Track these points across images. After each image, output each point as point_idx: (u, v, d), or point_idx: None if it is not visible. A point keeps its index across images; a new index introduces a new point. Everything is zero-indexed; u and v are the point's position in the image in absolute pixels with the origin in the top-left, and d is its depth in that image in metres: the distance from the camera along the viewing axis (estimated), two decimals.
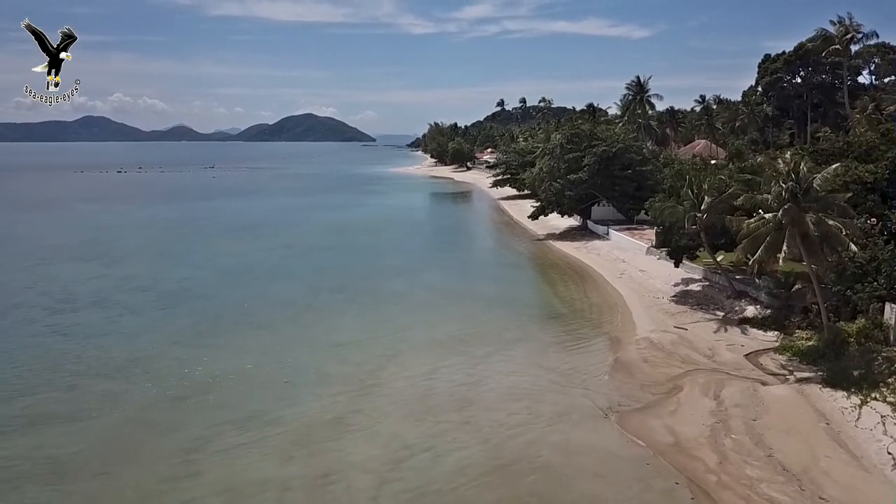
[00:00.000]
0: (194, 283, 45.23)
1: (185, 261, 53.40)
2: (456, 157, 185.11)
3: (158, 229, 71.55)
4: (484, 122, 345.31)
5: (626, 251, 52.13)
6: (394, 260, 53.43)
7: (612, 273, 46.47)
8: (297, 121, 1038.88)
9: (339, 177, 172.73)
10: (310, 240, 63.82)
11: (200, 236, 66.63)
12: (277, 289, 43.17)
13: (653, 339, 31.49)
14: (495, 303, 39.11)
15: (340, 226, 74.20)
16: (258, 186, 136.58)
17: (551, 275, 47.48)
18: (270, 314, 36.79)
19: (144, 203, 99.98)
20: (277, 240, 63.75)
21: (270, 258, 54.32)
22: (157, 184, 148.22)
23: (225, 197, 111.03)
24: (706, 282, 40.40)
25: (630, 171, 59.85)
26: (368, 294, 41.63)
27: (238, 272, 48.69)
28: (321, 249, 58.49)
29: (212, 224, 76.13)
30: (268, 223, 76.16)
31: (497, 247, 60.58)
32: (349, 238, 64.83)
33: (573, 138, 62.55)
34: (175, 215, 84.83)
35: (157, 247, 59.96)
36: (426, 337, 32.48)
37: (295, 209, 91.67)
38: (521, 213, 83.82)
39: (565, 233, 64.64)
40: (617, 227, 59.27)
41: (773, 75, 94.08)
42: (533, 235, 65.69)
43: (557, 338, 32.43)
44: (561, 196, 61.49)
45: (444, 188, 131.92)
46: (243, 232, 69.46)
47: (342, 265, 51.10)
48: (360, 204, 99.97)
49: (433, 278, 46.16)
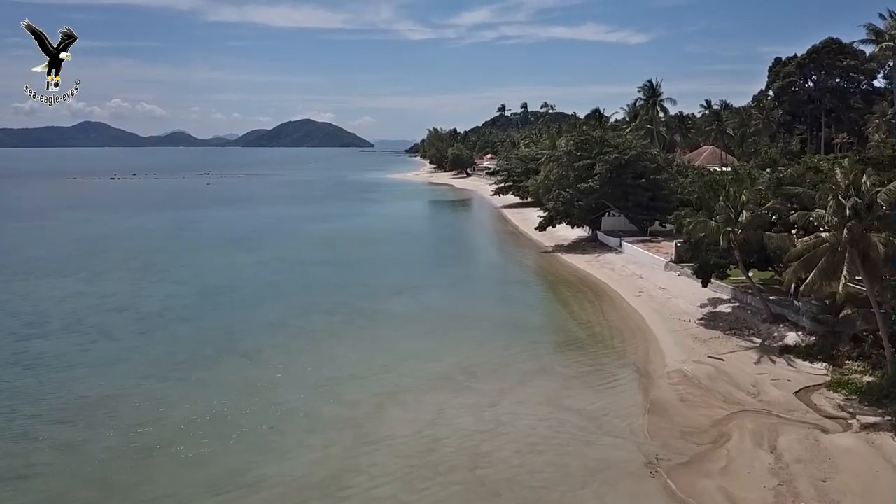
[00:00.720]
0: (177, 302, 41.64)
1: (170, 276, 49.83)
2: (455, 163, 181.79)
3: (145, 240, 67.94)
4: (483, 127, 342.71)
5: (642, 266, 48.64)
6: (392, 276, 49.91)
7: (630, 291, 42.97)
8: (295, 126, 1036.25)
9: (335, 183, 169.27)
10: (303, 253, 60.25)
11: (188, 248, 63.04)
12: (266, 309, 39.59)
13: (686, 373, 27.97)
14: (505, 327, 35.59)
15: (336, 237, 70.66)
16: (253, 194, 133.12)
17: (564, 293, 43.97)
18: (257, 340, 33.20)
19: (134, 212, 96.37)
20: (269, 252, 60.19)
21: (261, 273, 50.76)
22: (150, 191, 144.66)
23: (218, 205, 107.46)
24: (736, 302, 36.91)
25: (644, 180, 56.45)
26: (366, 316, 38.07)
27: (225, 290, 45.12)
28: (315, 264, 54.92)
29: (201, 235, 72.54)
30: (260, 234, 72.60)
31: (503, 260, 57.09)
32: (345, 251, 61.29)
33: (583, 145, 59.14)
34: (164, 225, 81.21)
35: (142, 260, 56.34)
36: (430, 369, 28.92)
37: (289, 219, 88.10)
38: (525, 222, 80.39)
39: (574, 245, 61.15)
40: (630, 239, 55.81)
41: (786, 79, 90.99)
42: (540, 247, 62.19)
43: (578, 371, 28.87)
44: (570, 206, 58.03)
45: (443, 196, 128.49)
46: (234, 244, 65.87)
47: (337, 282, 47.54)
48: (357, 213, 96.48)
49: (436, 297, 42.64)
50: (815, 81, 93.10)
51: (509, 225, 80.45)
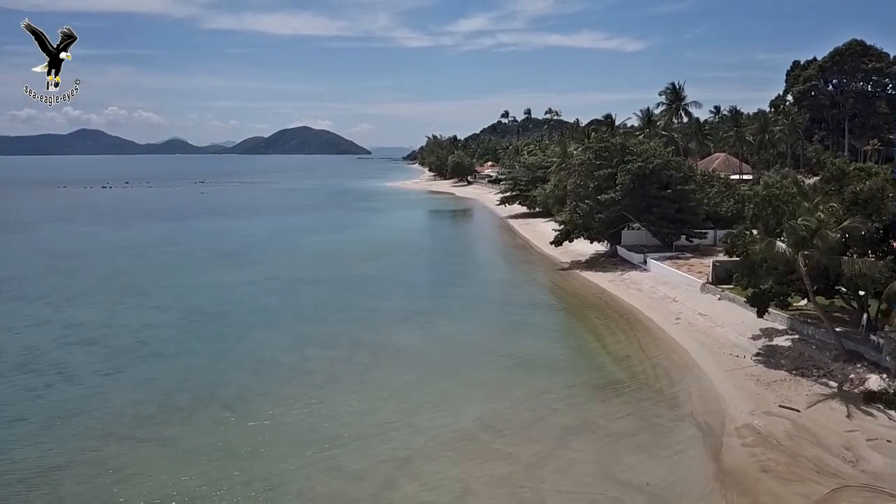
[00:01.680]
0: (154, 333, 36.66)
1: (150, 300, 44.87)
2: (456, 170, 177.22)
3: (127, 257, 62.95)
4: (481, 134, 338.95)
5: (674, 287, 43.82)
6: (396, 298, 45.02)
7: (666, 317, 38.15)
8: (293, 134, 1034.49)
9: (333, 192, 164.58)
10: (299, 270, 55.33)
11: (174, 266, 58.07)
12: (255, 342, 34.65)
13: (759, 429, 23.09)
14: (531, 364, 30.72)
15: (334, 251, 65.80)
16: (247, 204, 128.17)
17: (591, 319, 39.09)
18: (242, 385, 28.23)
19: (120, 223, 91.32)
20: (262, 270, 55.27)
21: (251, 296, 45.82)
22: (141, 200, 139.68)
23: (209, 216, 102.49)
24: (795, 335, 32.07)
25: (670, 191, 51.74)
26: (368, 350, 33.13)
27: (210, 316, 40.17)
28: (311, 283, 50.00)
29: (190, 250, 67.57)
30: (253, 248, 67.66)
31: (516, 278, 52.22)
32: (343, 268, 56.39)
33: (602, 152, 54.40)
34: (151, 238, 76.22)
35: (121, 280, 51.35)
36: (448, 425, 24.00)
37: (284, 230, 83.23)
38: (535, 234, 75.70)
39: (593, 261, 56.34)
40: (656, 256, 51.03)
41: (806, 83, 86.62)
42: (555, 263, 57.38)
43: (628, 426, 23.96)
44: (590, 219, 53.25)
45: (445, 205, 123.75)
46: (224, 259, 60.94)
47: (335, 306, 42.62)
48: (356, 224, 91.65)
49: (446, 326, 37.75)
50: (836, 85, 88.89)
51: (518, 237, 75.65)
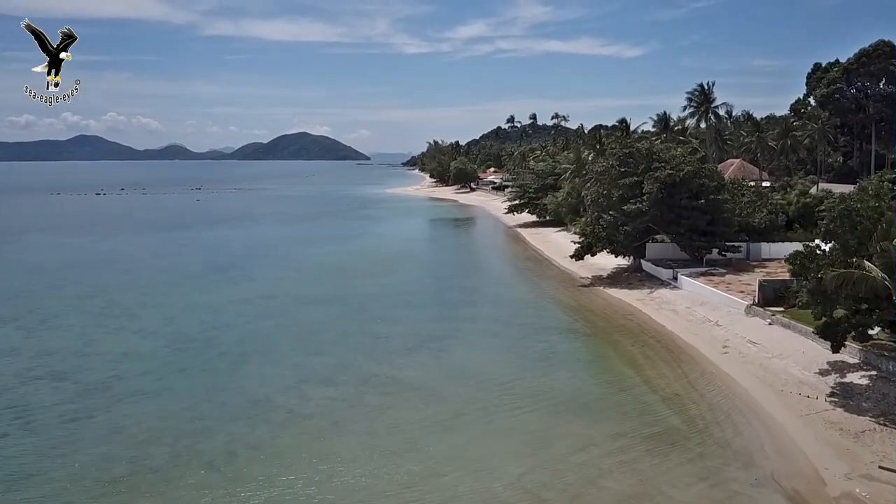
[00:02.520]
0: (134, 364, 32.33)
1: (133, 323, 40.55)
2: (459, 177, 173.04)
3: (114, 271, 58.64)
4: (481, 140, 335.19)
5: (713, 308, 39.52)
6: (405, 320, 40.73)
7: (711, 345, 33.86)
8: (291, 139, 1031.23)
9: (332, 199, 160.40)
10: (297, 287, 51.01)
11: (162, 282, 53.74)
12: (247, 377, 30.32)
13: (863, 500, 18.77)
14: (566, 405, 26.43)
15: (334, 265, 61.51)
16: (244, 211, 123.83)
17: (625, 346, 34.76)
18: (230, 435, 23.88)
19: (110, 233, 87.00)
20: (257, 287, 50.95)
21: (244, 318, 41.48)
22: (134, 208, 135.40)
23: (204, 225, 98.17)
24: (872, 370, 27.71)
25: (702, 201, 47.54)
26: (376, 388, 28.79)
27: (198, 343, 35.83)
28: (311, 303, 45.67)
29: (180, 263, 63.25)
30: (248, 261, 63.33)
31: (535, 296, 47.91)
32: (345, 284, 52.06)
33: (627, 159, 50.22)
34: (140, 250, 71.91)
35: (104, 299, 47.03)
36: (479, 492, 19.69)
37: (282, 241, 78.92)
38: (548, 245, 71.47)
39: (615, 276, 52.09)
40: (687, 272, 46.76)
41: (830, 86, 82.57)
42: (574, 278, 53.12)
43: (696, 494, 19.62)
44: (614, 231, 49.01)
45: (449, 213, 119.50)
46: (216, 275, 56.62)
47: (338, 331, 38.27)
48: (357, 233, 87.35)
49: (463, 355, 33.43)
50: (860, 88, 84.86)
51: (530, 249, 71.36)
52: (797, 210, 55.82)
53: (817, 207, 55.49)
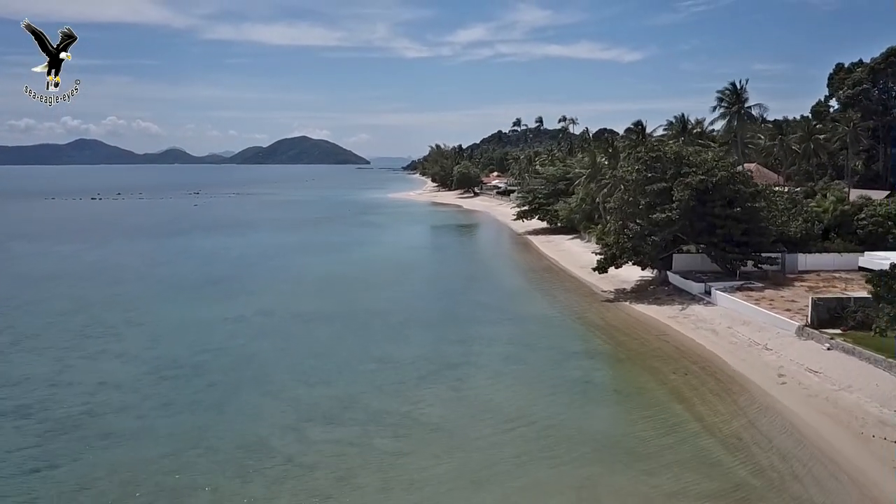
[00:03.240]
0: (112, 396, 28.46)
1: (116, 344, 36.68)
2: (462, 181, 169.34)
3: (100, 283, 54.76)
4: (482, 144, 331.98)
5: (758, 329, 35.63)
6: (416, 342, 36.84)
7: (763, 373, 29.99)
8: (291, 143, 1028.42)
9: (333, 204, 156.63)
10: (297, 302, 47.17)
11: (152, 296, 49.86)
12: (240, 414, 26.43)
13: None
14: (613, 451, 22.56)
15: (336, 276, 57.65)
16: (242, 217, 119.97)
17: (666, 374, 30.86)
18: (218, 492, 20.02)
19: (102, 240, 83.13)
20: (254, 301, 47.09)
21: (239, 338, 37.61)
22: (130, 213, 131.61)
23: (200, 232, 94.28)
24: None
25: (738, 209, 43.74)
26: (389, 429, 24.89)
27: (186, 371, 31.94)
28: (311, 320, 41.81)
29: (172, 274, 59.36)
30: (244, 273, 59.45)
31: (556, 313, 43.99)
32: (349, 299, 48.18)
33: (654, 164, 46.42)
34: (131, 259, 68.06)
35: (86, 315, 43.17)
36: None
37: (281, 249, 75.03)
38: (561, 254, 67.66)
39: (640, 289, 48.25)
40: (721, 286, 42.93)
41: (855, 87, 78.80)
42: (595, 292, 49.28)
43: None
44: (641, 241, 45.17)
45: (454, 219, 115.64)
46: (210, 288, 52.76)
47: (342, 355, 34.38)
48: (359, 241, 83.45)
49: (486, 386, 29.55)
50: (885, 89, 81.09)
51: (544, 259, 67.45)
52: (834, 218, 52.05)
53: (856, 216, 51.79)
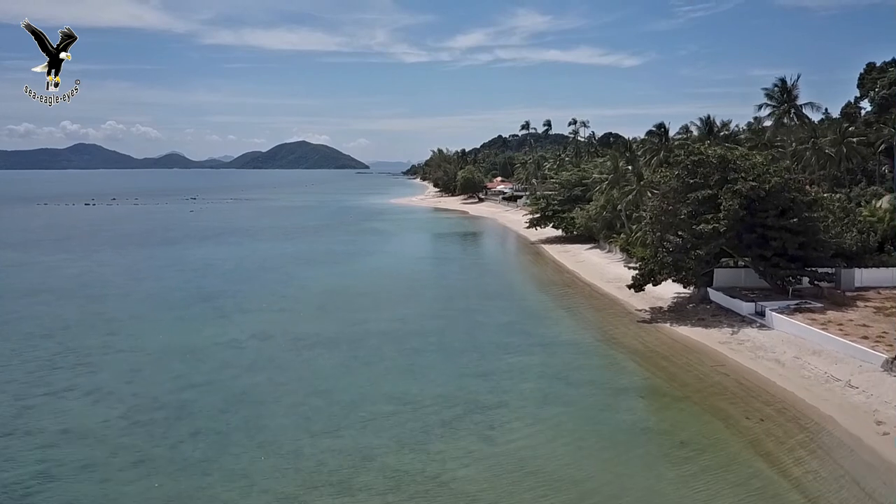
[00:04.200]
0: (72, 453, 23.49)
1: (89, 377, 31.74)
2: (466, 187, 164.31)
3: (80, 299, 49.78)
4: (482, 149, 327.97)
5: (834, 360, 30.63)
6: (435, 375, 31.85)
7: (854, 418, 25.03)
8: (291, 148, 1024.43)
9: (334, 210, 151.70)
10: (297, 321, 42.27)
11: (136, 315, 44.91)
12: (228, 476, 21.45)
13: None
14: None
15: (340, 292, 52.68)
16: (240, 224, 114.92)
17: (738, 420, 25.85)
18: None
19: (88, 249, 78.16)
20: (249, 322, 42.18)
21: (231, 370, 32.65)
22: (123, 220, 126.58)
23: (194, 240, 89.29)
24: None
25: (795, 220, 38.86)
26: (414, 501, 19.91)
27: (166, 414, 26.97)
28: (313, 346, 36.85)
29: (161, 289, 54.38)
30: (240, 287, 54.48)
31: (592, 338, 38.97)
32: (354, 318, 43.24)
33: (697, 168, 41.56)
34: (117, 271, 63.10)
35: (59, 340, 38.24)
36: None
37: (280, 260, 70.08)
38: (582, 266, 62.72)
39: (678, 308, 43.34)
40: (775, 306, 38.03)
41: (893, 87, 74.06)
42: (628, 310, 44.36)
43: None
44: (683, 255, 40.23)
45: (461, 226, 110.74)
46: (202, 305, 47.80)
47: (351, 393, 29.37)
48: (364, 251, 78.48)
49: (525, 436, 24.57)
50: None
51: (563, 270, 62.48)
52: (889, 229, 47.23)
53: None
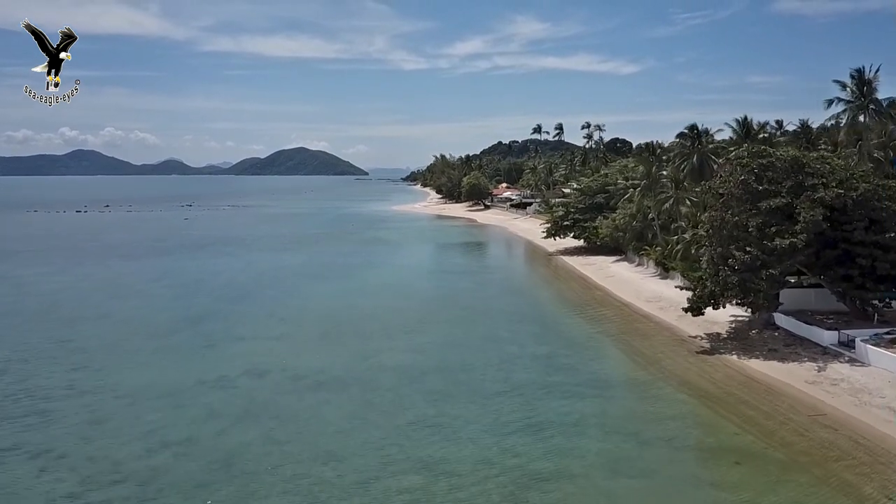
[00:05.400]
0: None
1: (36, 434, 25.55)
2: (472, 193, 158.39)
3: (49, 323, 43.56)
4: (481, 155, 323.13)
5: None
6: (470, 430, 25.60)
7: None
8: (289, 154, 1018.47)
9: (334, 218, 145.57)
10: (296, 354, 36.06)
11: (110, 343, 38.71)
12: None
13: None
14: None
15: (346, 314, 46.47)
16: (235, 234, 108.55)
17: (877, 502, 19.69)
18: None
19: (70, 261, 71.96)
20: (240, 354, 35.99)
21: (216, 422, 26.41)
22: (113, 228, 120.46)
23: (186, 251, 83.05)
24: None
25: (892, 234, 32.78)
26: None
27: (129, 492, 20.77)
28: (316, 388, 30.64)
29: (144, 309, 48.12)
30: (232, 307, 48.26)
31: (646, 373, 32.79)
32: (364, 350, 37.01)
33: (763, 173, 35.48)
34: (94, 288, 56.87)
35: (13, 377, 32.09)
36: None
37: (277, 275, 63.90)
38: (611, 280, 56.67)
39: (740, 334, 37.23)
40: (865, 334, 31.95)
41: None
42: (680, 336, 38.28)
43: None
44: (753, 275, 34.01)
45: (470, 235, 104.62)
46: (189, 329, 41.60)
47: (367, 459, 23.11)
48: (368, 263, 72.25)
49: None
50: None
51: (592, 287, 56.20)
52: None
53: None
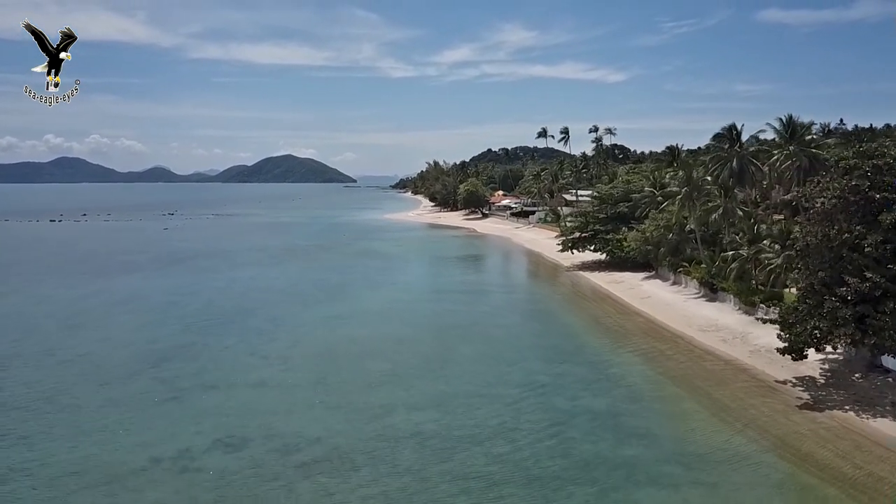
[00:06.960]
0: None
1: None
2: (469, 201, 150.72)
3: None
4: (471, 162, 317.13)
5: None
6: None
7: None
8: (277, 162, 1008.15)
9: (324, 227, 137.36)
10: (284, 414, 28.03)
11: (42, 398, 30.49)
12: None
13: None
14: None
15: (343, 351, 38.45)
16: (218, 245, 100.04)
17: None
18: None
19: (27, 280, 63.48)
20: (211, 413, 27.93)
21: None
22: (86, 239, 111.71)
23: (161, 266, 74.65)
24: None
25: None
26: None
27: None
28: (311, 473, 22.70)
29: (96, 345, 39.80)
30: (206, 342, 40.10)
31: (754, 447, 25.09)
32: (371, 408, 29.06)
33: (875, 177, 28.03)
34: (47, 314, 48.47)
35: None
36: None
37: (261, 297, 55.75)
38: (649, 303, 49.07)
39: (842, 380, 29.71)
40: None
41: None
42: (764, 381, 30.69)
43: None
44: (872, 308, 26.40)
45: (473, 247, 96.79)
46: (147, 376, 33.43)
47: None
48: (365, 281, 64.25)
49: None
50: None
51: (629, 311, 48.43)
52: None
53: None
